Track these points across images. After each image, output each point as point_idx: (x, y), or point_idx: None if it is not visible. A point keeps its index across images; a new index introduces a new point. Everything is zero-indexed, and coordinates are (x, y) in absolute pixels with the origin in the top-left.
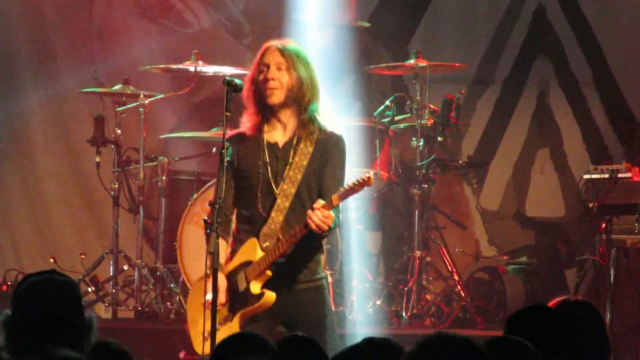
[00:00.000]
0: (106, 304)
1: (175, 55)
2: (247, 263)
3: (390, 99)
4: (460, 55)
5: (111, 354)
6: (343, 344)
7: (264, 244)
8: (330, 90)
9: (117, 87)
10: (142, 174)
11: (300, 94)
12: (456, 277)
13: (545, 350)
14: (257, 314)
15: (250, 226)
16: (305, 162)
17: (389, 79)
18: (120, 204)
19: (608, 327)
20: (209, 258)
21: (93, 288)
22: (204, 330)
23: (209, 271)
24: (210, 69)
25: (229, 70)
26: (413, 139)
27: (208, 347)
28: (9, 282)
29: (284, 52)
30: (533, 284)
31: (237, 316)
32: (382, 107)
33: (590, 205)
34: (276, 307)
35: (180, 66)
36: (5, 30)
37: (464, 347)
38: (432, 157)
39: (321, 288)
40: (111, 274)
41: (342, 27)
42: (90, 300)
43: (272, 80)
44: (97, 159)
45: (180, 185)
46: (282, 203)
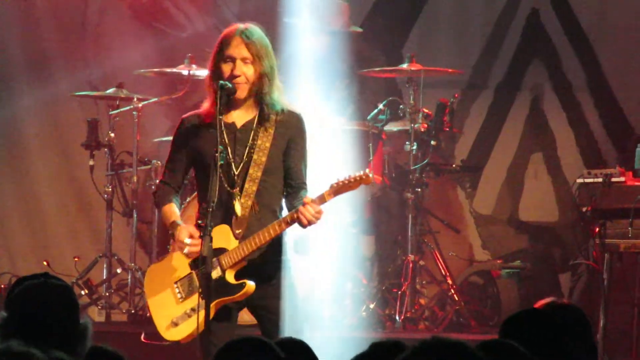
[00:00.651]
0: (99, 308)
1: (169, 59)
2: (220, 250)
3: (383, 102)
4: (454, 60)
5: (107, 359)
6: (337, 346)
7: (237, 231)
8: (323, 94)
9: (110, 91)
10: (135, 178)
11: (263, 85)
12: (450, 281)
13: (538, 354)
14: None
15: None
16: (268, 144)
17: (383, 83)
18: (114, 207)
19: (602, 332)
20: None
21: (86, 291)
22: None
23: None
24: (203, 73)
25: None
26: (407, 143)
27: (175, 334)
28: (2, 286)
29: (249, 45)
30: (527, 288)
31: (213, 305)
32: (375, 111)
33: (584, 209)
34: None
35: (174, 70)
36: None
37: (460, 352)
38: (425, 161)
39: (281, 263)
40: (104, 277)
41: (335, 32)
42: (83, 303)
43: (239, 76)
44: (91, 163)
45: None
46: (250, 187)
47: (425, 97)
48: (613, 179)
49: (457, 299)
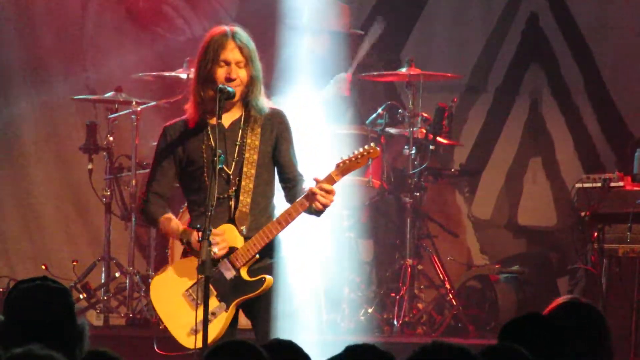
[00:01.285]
0: (98, 311)
1: (168, 63)
2: (230, 250)
3: (382, 107)
4: (453, 64)
5: None
6: (335, 351)
7: (241, 227)
8: (322, 97)
9: (109, 95)
10: (134, 181)
11: (253, 88)
12: (448, 286)
13: (539, 358)
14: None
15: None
16: (257, 142)
17: (382, 87)
18: (112, 211)
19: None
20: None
21: (85, 295)
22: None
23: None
24: None
25: None
26: (405, 147)
27: (198, 341)
28: (0, 289)
29: (242, 48)
30: (525, 292)
31: (233, 305)
32: (374, 115)
33: (582, 214)
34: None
35: (173, 73)
36: None
37: (460, 356)
38: (424, 166)
39: (274, 265)
40: (103, 281)
41: (335, 34)
42: (81, 307)
43: (235, 79)
44: (89, 166)
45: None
46: (247, 185)
47: (424, 101)
48: (612, 184)
49: (455, 303)
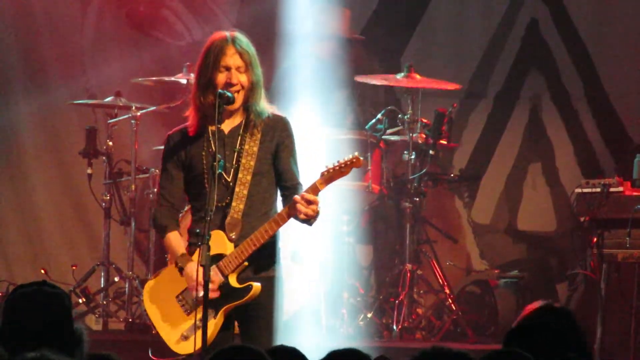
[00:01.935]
0: (97, 316)
1: (167, 68)
2: (218, 256)
3: (382, 112)
4: (453, 69)
5: None
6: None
7: (231, 234)
8: (323, 102)
9: (109, 99)
10: (133, 186)
11: (254, 93)
12: (447, 291)
13: None
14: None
15: (204, 217)
16: (255, 149)
17: (381, 92)
18: (112, 215)
19: (599, 342)
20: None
21: (84, 300)
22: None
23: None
24: None
25: None
26: (405, 152)
27: (187, 347)
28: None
29: (242, 54)
30: (524, 297)
31: (222, 312)
32: (374, 120)
33: (582, 219)
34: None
35: (172, 78)
36: None
37: None
38: (423, 171)
39: (273, 279)
40: (102, 285)
41: (337, 39)
42: (81, 311)
43: (236, 85)
44: (89, 171)
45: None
46: (241, 191)
47: (423, 107)
48: (611, 189)
49: (454, 308)
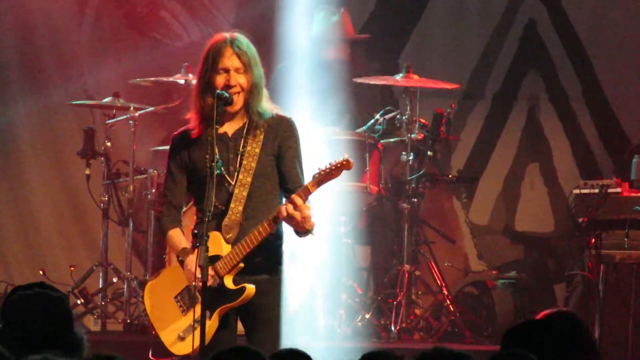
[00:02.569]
0: (95, 317)
1: (165, 68)
2: (214, 258)
3: (380, 113)
4: (451, 70)
5: None
6: (332, 357)
7: (227, 236)
8: (320, 102)
9: (107, 100)
10: (131, 187)
11: (254, 94)
12: (445, 292)
13: None
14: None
15: (204, 219)
16: (257, 150)
17: (379, 92)
18: (110, 216)
19: (597, 342)
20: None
21: (82, 300)
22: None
23: (199, 283)
24: None
25: None
26: (403, 153)
27: (183, 348)
28: None
29: (241, 55)
30: (522, 298)
31: (216, 313)
32: (371, 121)
33: (580, 220)
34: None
35: (170, 79)
36: None
37: None
38: (421, 172)
39: (277, 280)
40: (100, 286)
41: (342, 41)
42: (79, 312)
43: (235, 86)
44: (87, 172)
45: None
46: (240, 193)
47: (421, 107)
48: (609, 190)
49: (452, 309)
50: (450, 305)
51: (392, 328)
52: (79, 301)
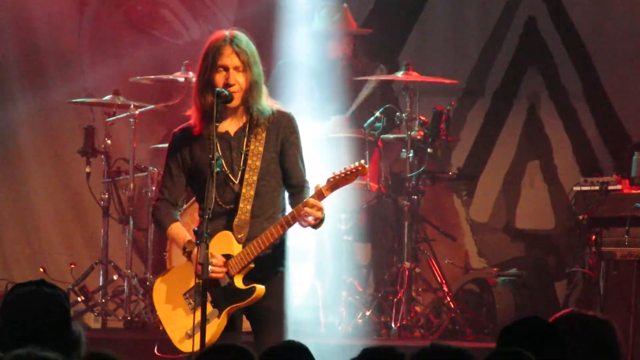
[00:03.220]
0: (96, 314)
1: (165, 66)
2: (225, 257)
3: (380, 110)
4: (451, 67)
5: None
6: (333, 354)
7: (239, 235)
8: (320, 99)
9: (107, 98)
10: (132, 185)
11: (253, 92)
12: (445, 289)
13: None
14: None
15: (213, 220)
16: (261, 148)
17: (379, 90)
18: (110, 214)
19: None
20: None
21: (82, 298)
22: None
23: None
24: None
25: None
26: (403, 150)
27: (190, 346)
28: None
29: (240, 53)
30: (522, 296)
31: (225, 312)
32: (372, 118)
33: (580, 217)
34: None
35: (170, 77)
36: None
37: (459, 358)
38: (421, 169)
39: (283, 280)
40: (101, 284)
41: (344, 35)
42: (79, 310)
43: (234, 84)
44: (87, 170)
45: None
46: (247, 192)
47: (421, 105)
48: (609, 187)
49: (452, 306)
50: (450, 303)
51: (393, 325)
52: (79, 299)
